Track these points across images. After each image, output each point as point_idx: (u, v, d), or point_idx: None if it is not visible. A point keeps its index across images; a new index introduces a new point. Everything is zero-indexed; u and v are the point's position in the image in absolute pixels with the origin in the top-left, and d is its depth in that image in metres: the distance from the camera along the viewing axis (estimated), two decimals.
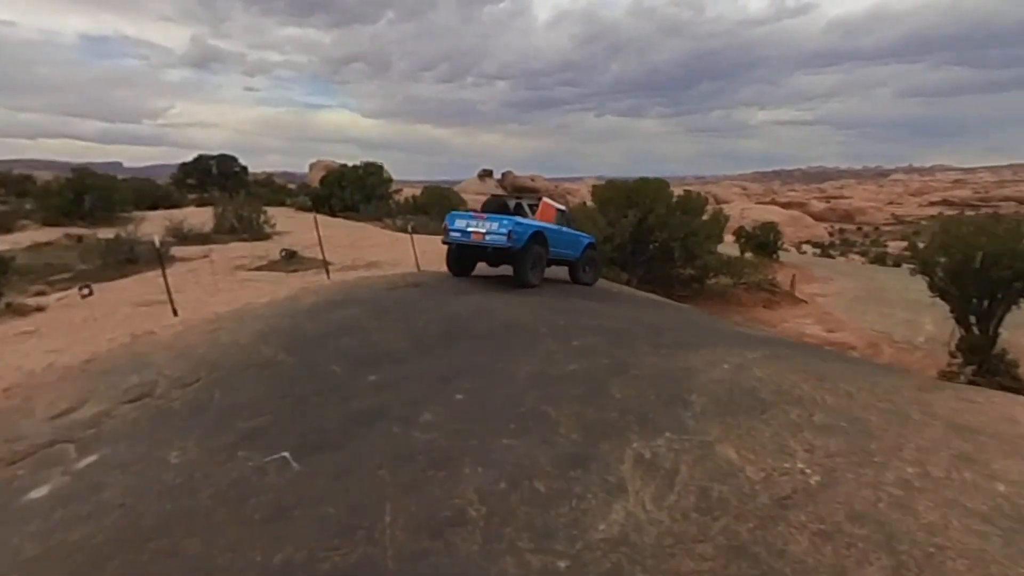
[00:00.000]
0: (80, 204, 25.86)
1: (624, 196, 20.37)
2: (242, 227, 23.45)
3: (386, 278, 11.45)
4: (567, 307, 9.10)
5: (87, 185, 26.44)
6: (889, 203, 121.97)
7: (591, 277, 13.19)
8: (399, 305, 8.69)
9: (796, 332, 18.81)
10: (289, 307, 8.80)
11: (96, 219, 25.64)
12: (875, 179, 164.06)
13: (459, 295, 9.77)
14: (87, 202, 25.88)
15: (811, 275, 26.59)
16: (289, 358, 6.46)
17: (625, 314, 8.95)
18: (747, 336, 8.46)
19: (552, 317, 8.01)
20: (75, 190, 26.09)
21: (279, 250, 16.17)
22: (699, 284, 21.50)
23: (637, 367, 5.86)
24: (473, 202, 54.02)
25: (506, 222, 10.43)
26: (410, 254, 18.00)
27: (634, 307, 11.03)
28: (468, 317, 7.95)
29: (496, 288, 10.79)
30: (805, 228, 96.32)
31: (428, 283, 10.90)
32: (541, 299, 9.85)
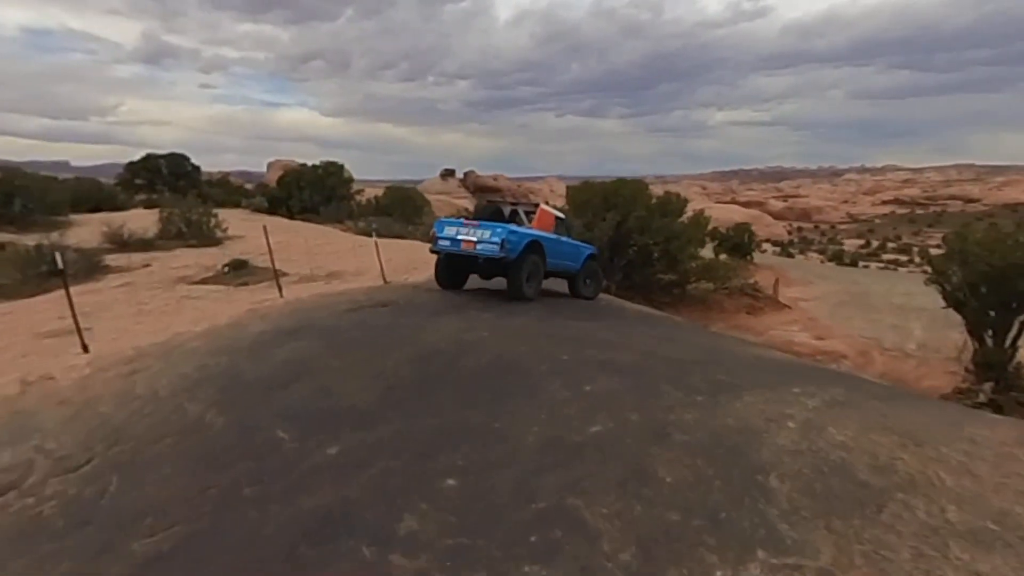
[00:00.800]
0: (8, 207, 23.41)
1: (601, 198, 19.09)
2: (191, 232, 21.43)
3: (349, 295, 9.89)
4: (563, 332, 7.70)
5: (16, 186, 23.96)
6: (844, 202, 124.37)
7: (592, 290, 11.96)
8: (364, 334, 7.16)
9: (785, 340, 17.82)
10: (230, 338, 7.19)
11: (27, 224, 23.25)
12: (829, 178, 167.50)
13: (436, 317, 8.28)
14: (16, 205, 23.43)
15: (789, 278, 25.79)
16: (220, 419, 4.89)
17: (633, 340, 7.59)
18: (781, 366, 7.21)
19: (551, 348, 6.60)
20: (2, 191, 23.61)
21: (227, 261, 14.37)
22: (680, 289, 20.36)
23: (679, 427, 4.49)
24: (437, 203, 52.32)
25: (500, 230, 9.41)
26: (375, 262, 16.41)
27: (629, 324, 9.71)
28: (450, 350, 6.48)
29: (479, 306, 9.34)
30: (765, 227, 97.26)
31: (398, 301, 9.37)
32: (528, 320, 8.43)
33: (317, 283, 12.63)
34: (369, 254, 18.08)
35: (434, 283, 11.79)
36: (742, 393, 5.28)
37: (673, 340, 8.13)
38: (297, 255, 17.18)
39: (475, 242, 9.63)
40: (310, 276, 13.63)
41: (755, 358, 7.67)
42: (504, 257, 9.42)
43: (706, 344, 8.27)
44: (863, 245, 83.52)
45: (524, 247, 9.72)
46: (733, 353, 7.78)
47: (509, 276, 9.98)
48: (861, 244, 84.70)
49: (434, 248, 10.26)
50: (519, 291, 9.93)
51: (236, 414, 4.95)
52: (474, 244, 9.64)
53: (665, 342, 7.81)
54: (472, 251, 9.68)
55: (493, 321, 8.18)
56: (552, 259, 10.57)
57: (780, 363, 7.63)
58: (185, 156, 43.50)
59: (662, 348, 7.21)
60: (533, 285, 10.21)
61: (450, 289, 10.86)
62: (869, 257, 70.87)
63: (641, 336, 8.09)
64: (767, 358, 7.87)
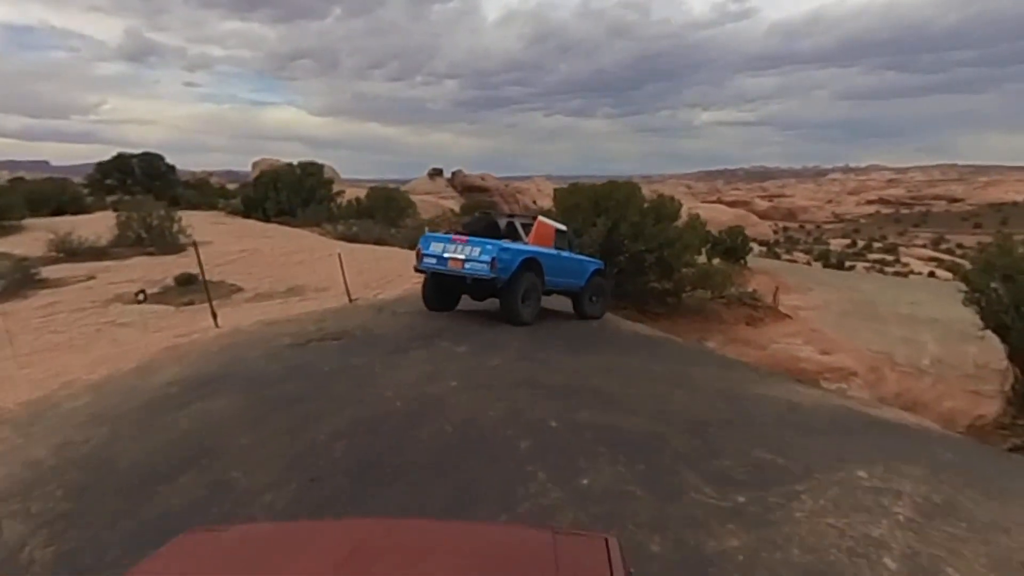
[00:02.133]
0: None
1: (591, 201, 17.56)
2: (151, 238, 19.67)
3: (299, 321, 8.30)
4: (551, 376, 6.16)
5: None
6: (829, 201, 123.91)
7: (599, 308, 10.77)
8: (299, 386, 5.58)
9: (789, 356, 16.42)
10: (125, 393, 5.58)
11: None
12: (814, 178, 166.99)
13: (398, 355, 6.72)
14: None
15: (786, 284, 24.42)
16: (48, 553, 3.29)
17: (636, 386, 6.06)
18: (824, 422, 5.73)
19: (535, 408, 5.06)
20: None
21: (175, 275, 12.68)
22: (675, 299, 18.88)
23: (721, 569, 2.97)
24: (422, 204, 50.57)
25: (490, 247, 8.30)
26: (354, 271, 14.77)
27: (629, 356, 8.20)
28: (404, 414, 4.92)
29: (453, 334, 7.80)
30: (751, 227, 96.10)
31: (356, 330, 7.80)
32: (509, 357, 6.90)
33: (273, 302, 11.01)
34: (345, 262, 16.47)
35: (407, 301, 10.31)
36: (796, 488, 3.77)
37: (683, 383, 6.61)
38: (261, 265, 15.55)
39: (463, 260, 8.42)
40: (267, 292, 12.00)
41: (789, 408, 6.18)
42: (495, 278, 8.20)
43: (724, 387, 6.75)
44: (849, 245, 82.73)
45: (519, 266, 8.52)
46: (761, 402, 6.27)
47: (502, 298, 8.76)
48: (847, 244, 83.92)
49: (419, 267, 9.03)
50: (514, 315, 8.72)
51: (77, 541, 3.34)
52: (462, 263, 8.43)
53: (676, 388, 6.28)
54: (460, 271, 8.45)
55: (466, 360, 6.63)
56: (552, 277, 9.33)
57: (820, 416, 6.15)
58: (160, 156, 41.52)
59: (674, 398, 5.69)
60: (530, 307, 8.99)
61: (439, 311, 9.44)
62: (855, 257, 69.94)
63: (645, 378, 6.56)
64: (805, 408, 6.37)
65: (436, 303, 9.50)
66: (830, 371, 15.56)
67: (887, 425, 6.62)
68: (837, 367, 15.82)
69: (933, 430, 7.22)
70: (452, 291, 9.52)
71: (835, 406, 6.92)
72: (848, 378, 15.37)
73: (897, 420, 7.53)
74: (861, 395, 14.66)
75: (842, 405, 7.21)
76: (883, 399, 14.66)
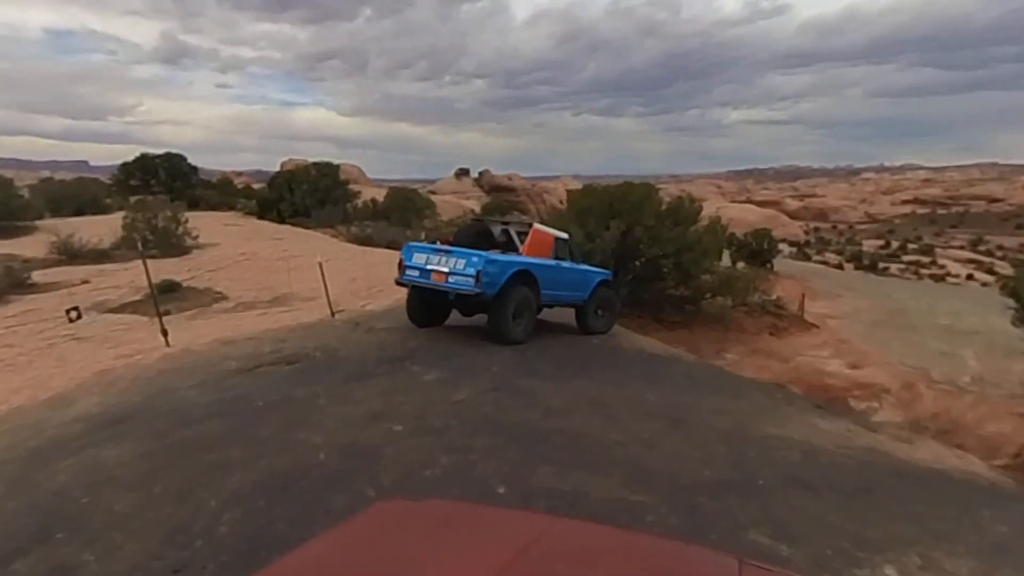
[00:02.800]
0: None
1: (605, 204, 16.54)
2: (156, 240, 19.20)
3: (259, 341, 7.51)
4: (525, 418, 5.22)
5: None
6: (862, 201, 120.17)
7: (605, 323, 9.92)
8: (221, 426, 4.74)
9: (814, 369, 15.18)
10: (25, 430, 4.83)
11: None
12: (846, 178, 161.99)
13: (351, 384, 5.86)
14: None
15: (814, 290, 23.03)
16: None
17: (636, 431, 5.09)
18: (854, 472, 4.71)
19: (485, 463, 4.15)
20: None
21: (158, 282, 12.00)
22: (694, 306, 17.73)
23: None
24: (443, 204, 49.81)
25: (475, 259, 7.51)
26: (346, 279, 14.04)
27: (632, 387, 7.22)
28: (323, 473, 4.03)
29: (425, 357, 6.93)
30: (781, 227, 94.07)
31: (318, 352, 6.97)
32: (480, 390, 5.98)
33: (252, 313, 10.27)
34: (347, 268, 15.76)
35: (392, 314, 9.50)
36: None
37: (681, 420, 5.62)
38: (254, 271, 14.88)
39: (447, 273, 7.65)
40: (251, 302, 11.27)
41: (805, 455, 5.16)
42: (480, 293, 7.42)
43: (729, 426, 5.72)
44: (883, 246, 79.71)
45: (508, 279, 7.70)
46: (770, 449, 5.25)
47: (490, 315, 7.98)
48: (880, 244, 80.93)
49: (400, 280, 8.27)
50: (503, 333, 7.89)
51: None
52: (445, 276, 7.66)
53: (671, 428, 5.30)
54: (444, 284, 7.69)
55: (430, 392, 5.75)
56: (549, 290, 8.49)
57: (841, 467, 5.11)
58: (182, 156, 41.55)
59: (665, 446, 4.71)
60: (522, 324, 8.13)
61: (425, 327, 8.63)
62: (889, 258, 67.23)
63: (637, 414, 5.58)
64: (823, 455, 5.34)
65: (421, 319, 8.71)
66: (859, 387, 14.29)
67: (924, 475, 5.53)
68: (867, 383, 14.52)
69: (979, 479, 6.09)
70: (438, 306, 8.64)
71: (861, 449, 5.84)
72: (879, 396, 14.07)
73: (935, 463, 6.42)
74: (893, 417, 13.41)
75: (869, 447, 6.12)
76: (918, 420, 13.37)
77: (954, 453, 7.93)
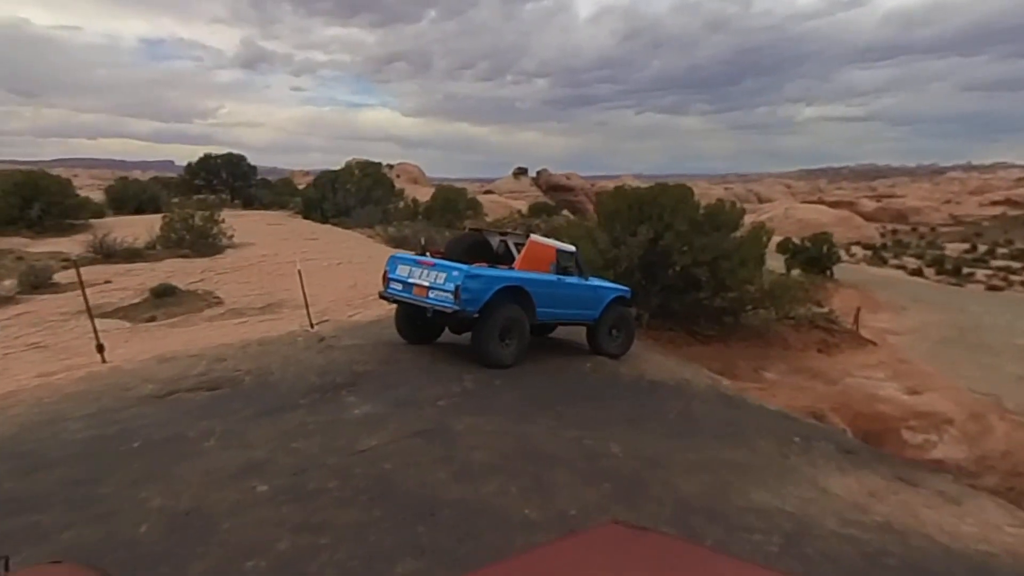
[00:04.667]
0: (27, 211, 22.22)
1: (634, 207, 15.26)
2: (192, 239, 19.26)
3: (199, 358, 6.81)
4: (426, 477, 4.23)
5: (39, 188, 22.77)
6: (946, 202, 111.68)
7: (619, 346, 8.87)
8: (63, 475, 4.00)
9: (864, 394, 13.42)
10: None
11: (45, 228, 22.04)
12: (930, 177, 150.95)
13: (259, 420, 5.04)
14: (35, 209, 22.20)
15: (876, 301, 20.85)
16: None
17: (553, 503, 4.03)
18: None
19: (332, 553, 3.19)
20: (22, 195, 22.42)
21: (155, 285, 11.67)
22: (732, 318, 16.16)
23: None
24: (490, 205, 49.06)
25: (455, 273, 6.86)
26: (347, 284, 13.41)
27: (597, 422, 6.11)
28: (130, 556, 3.19)
29: (370, 385, 6.05)
30: (855, 229, 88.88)
31: (247, 375, 6.20)
32: (402, 431, 5.03)
33: (236, 321, 9.70)
34: (349, 272, 15.16)
35: (374, 328, 8.84)
36: None
37: (640, 488, 4.48)
38: (264, 274, 14.45)
39: (428, 288, 7.05)
40: (242, 308, 10.74)
41: (868, 559, 3.93)
42: (458, 310, 6.77)
43: (701, 492, 4.54)
44: (968, 250, 73.43)
45: (494, 296, 7.02)
46: (823, 555, 4.04)
47: (473, 335, 7.30)
48: (966, 248, 74.59)
49: (383, 293, 7.75)
50: (486, 355, 7.16)
51: None
52: (427, 291, 7.05)
53: (617, 504, 4.18)
54: (424, 300, 7.08)
55: (336, 435, 4.84)
56: (547, 308, 7.75)
57: None
58: (242, 156, 42.66)
59: None
60: (512, 345, 7.37)
61: (417, 343, 7.98)
62: (975, 263, 61.71)
63: (588, 477, 4.48)
64: (903, 563, 4.09)
65: (411, 335, 8.04)
66: (917, 417, 12.49)
67: (955, 572, 4.19)
68: (927, 412, 12.69)
69: None
70: (427, 322, 7.83)
71: (875, 528, 4.52)
72: (939, 427, 12.24)
73: (980, 543, 5.00)
74: (954, 453, 11.60)
75: (887, 521, 4.76)
76: (984, 459, 11.51)
77: (1016, 519, 6.35)
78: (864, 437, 11.58)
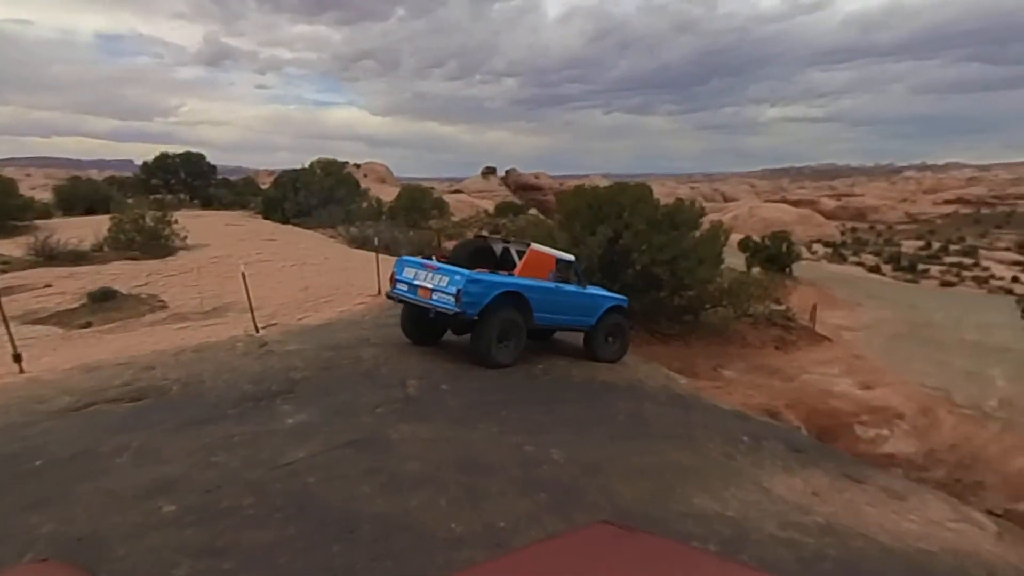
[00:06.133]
0: None
1: (595, 207, 15.19)
2: (143, 240, 18.58)
3: (127, 367, 6.46)
4: (326, 497, 4.00)
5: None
6: (902, 201, 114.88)
7: (614, 352, 9.35)
8: None
9: (819, 390, 13.56)
10: None
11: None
12: (887, 177, 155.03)
13: (178, 434, 4.74)
14: None
15: (833, 298, 21.18)
16: None
17: (463, 515, 3.84)
18: None
19: None
20: None
21: (95, 289, 11.13)
22: (692, 316, 16.22)
23: None
24: (457, 204, 48.74)
25: (458, 278, 7.18)
26: (299, 287, 13.01)
27: (540, 426, 5.95)
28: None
29: (310, 392, 5.77)
30: (816, 227, 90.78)
31: (173, 385, 5.88)
32: (331, 440, 4.80)
33: (172, 327, 9.29)
34: (302, 274, 14.75)
35: (322, 332, 8.71)
36: None
37: (616, 496, 4.32)
38: (217, 276, 13.97)
39: (431, 290, 7.39)
40: (186, 312, 10.32)
41: (804, 564, 3.82)
42: (460, 313, 7.12)
43: (700, 504, 4.38)
44: (923, 247, 75.58)
45: (492, 300, 7.35)
46: (761, 558, 3.93)
47: (472, 336, 7.68)
48: (921, 246, 76.76)
49: (389, 293, 8.10)
50: (483, 356, 7.54)
51: None
52: (430, 293, 7.40)
53: (594, 510, 4.01)
54: (428, 301, 7.41)
55: (261, 446, 4.59)
56: (545, 313, 8.10)
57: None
58: (201, 155, 41.54)
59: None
60: (510, 347, 7.75)
61: (421, 343, 8.28)
62: (930, 260, 63.55)
63: (535, 500, 4.30)
64: (840, 563, 3.99)
65: (415, 335, 8.35)
66: (869, 412, 12.65)
67: (895, 570, 4.13)
68: (879, 406, 12.87)
69: (974, 568, 4.64)
70: (430, 323, 8.13)
71: (815, 528, 4.44)
72: (891, 422, 12.41)
73: (922, 541, 4.98)
74: (904, 447, 11.78)
75: (828, 523, 4.69)
76: (933, 452, 11.70)
77: (958, 514, 6.39)
78: (818, 433, 11.68)
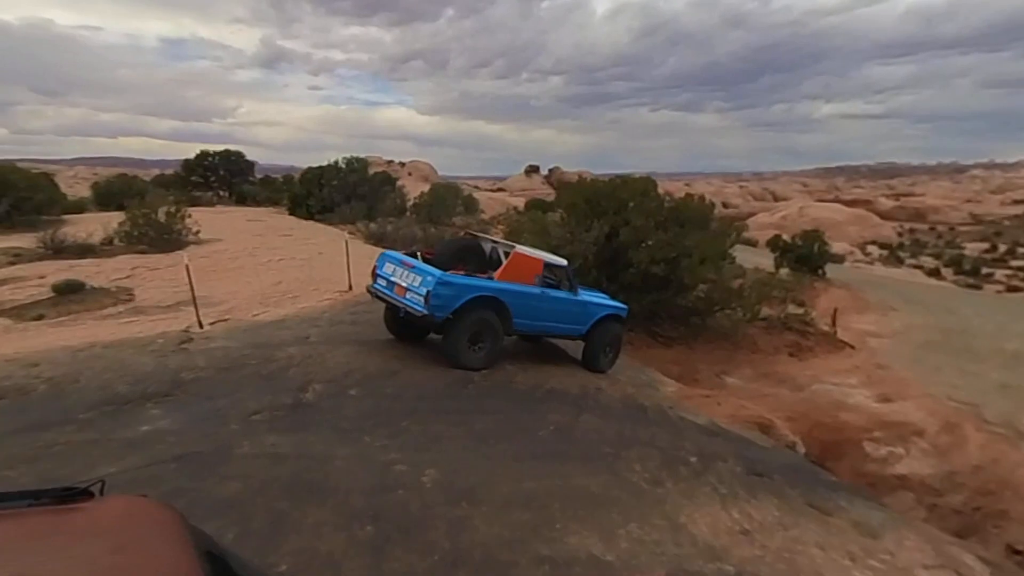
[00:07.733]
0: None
1: (592, 201, 14.37)
2: (155, 234, 18.75)
3: (14, 364, 6.10)
4: None
5: (8, 183, 22.43)
6: (967, 201, 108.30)
7: (607, 362, 9.05)
8: None
9: (830, 401, 12.35)
10: None
11: (14, 224, 21.70)
12: (950, 176, 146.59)
13: (8, 441, 4.29)
14: (3, 204, 21.86)
15: (865, 301, 19.60)
16: None
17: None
18: None
19: None
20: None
21: (61, 281, 10.99)
22: (699, 319, 15.16)
23: None
24: (488, 202, 48.17)
25: (430, 279, 6.89)
26: (273, 280, 12.64)
27: (460, 452, 5.25)
28: None
29: (184, 396, 5.26)
30: (871, 227, 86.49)
31: (41, 384, 5.46)
32: (146, 462, 4.23)
33: (124, 320, 9.01)
34: (292, 268, 14.39)
35: (271, 328, 8.43)
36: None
37: (457, 541, 3.62)
38: (205, 270, 13.78)
39: (406, 288, 7.16)
40: (148, 306, 10.06)
41: None
42: (426, 315, 6.82)
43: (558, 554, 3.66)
44: (988, 249, 70.82)
45: (465, 304, 7.01)
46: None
47: (444, 337, 7.34)
48: (985, 248, 71.95)
49: (369, 288, 7.92)
50: (456, 357, 7.23)
51: None
52: (404, 291, 7.17)
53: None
54: (401, 300, 7.16)
55: (101, 456, 4.07)
56: (526, 319, 7.71)
57: None
58: (240, 153, 42.36)
59: None
60: (484, 350, 7.41)
61: (403, 340, 8.06)
62: (995, 263, 59.44)
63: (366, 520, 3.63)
64: None
65: (396, 332, 8.13)
66: (884, 427, 11.39)
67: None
68: (896, 422, 11.58)
69: None
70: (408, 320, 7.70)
71: None
72: (908, 439, 11.12)
73: None
74: (920, 468, 10.51)
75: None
76: (952, 475, 10.41)
77: (941, 558, 5.34)
78: (820, 450, 10.55)
